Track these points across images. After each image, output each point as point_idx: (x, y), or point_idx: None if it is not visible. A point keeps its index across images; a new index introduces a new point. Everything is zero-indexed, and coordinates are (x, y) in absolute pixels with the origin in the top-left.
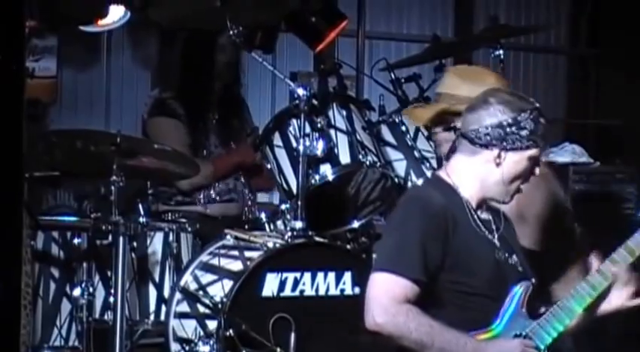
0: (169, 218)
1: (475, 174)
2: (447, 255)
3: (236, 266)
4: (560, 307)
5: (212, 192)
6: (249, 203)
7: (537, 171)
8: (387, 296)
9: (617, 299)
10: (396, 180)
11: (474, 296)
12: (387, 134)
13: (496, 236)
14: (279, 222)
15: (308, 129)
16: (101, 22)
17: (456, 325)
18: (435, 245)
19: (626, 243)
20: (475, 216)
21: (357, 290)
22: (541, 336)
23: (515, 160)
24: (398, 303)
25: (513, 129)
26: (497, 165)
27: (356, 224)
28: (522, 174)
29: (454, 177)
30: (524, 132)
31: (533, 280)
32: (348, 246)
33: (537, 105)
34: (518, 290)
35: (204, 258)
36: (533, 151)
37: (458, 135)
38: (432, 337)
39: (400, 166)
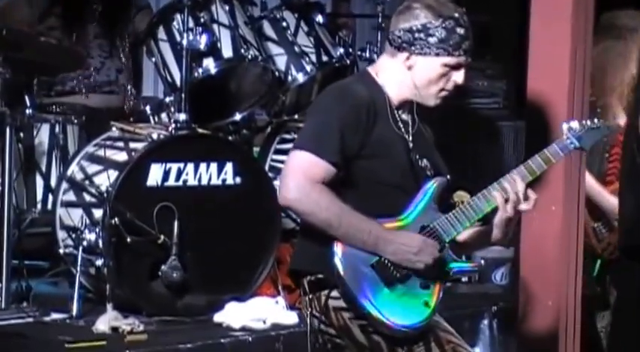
0: (56, 110)
1: (395, 75)
2: (364, 145)
3: (121, 156)
4: (470, 205)
5: (91, 80)
6: (132, 96)
7: (459, 78)
8: (303, 174)
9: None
10: (277, 74)
11: (387, 186)
12: (268, 29)
13: (410, 137)
14: (163, 115)
15: (191, 24)
16: None
17: (367, 211)
18: (353, 133)
19: (531, 160)
20: (395, 114)
21: (238, 180)
22: (447, 230)
23: (426, 65)
24: (313, 182)
25: (422, 35)
26: (408, 68)
27: (238, 116)
28: (437, 80)
29: (380, 75)
30: (432, 39)
31: (448, 177)
32: (230, 138)
33: (457, 14)
34: (432, 185)
35: (90, 148)
36: (446, 59)
37: (386, 36)
38: (340, 218)
39: (281, 61)
